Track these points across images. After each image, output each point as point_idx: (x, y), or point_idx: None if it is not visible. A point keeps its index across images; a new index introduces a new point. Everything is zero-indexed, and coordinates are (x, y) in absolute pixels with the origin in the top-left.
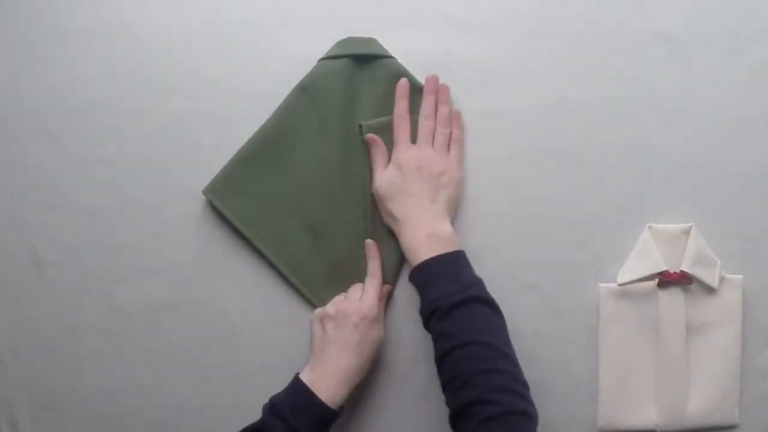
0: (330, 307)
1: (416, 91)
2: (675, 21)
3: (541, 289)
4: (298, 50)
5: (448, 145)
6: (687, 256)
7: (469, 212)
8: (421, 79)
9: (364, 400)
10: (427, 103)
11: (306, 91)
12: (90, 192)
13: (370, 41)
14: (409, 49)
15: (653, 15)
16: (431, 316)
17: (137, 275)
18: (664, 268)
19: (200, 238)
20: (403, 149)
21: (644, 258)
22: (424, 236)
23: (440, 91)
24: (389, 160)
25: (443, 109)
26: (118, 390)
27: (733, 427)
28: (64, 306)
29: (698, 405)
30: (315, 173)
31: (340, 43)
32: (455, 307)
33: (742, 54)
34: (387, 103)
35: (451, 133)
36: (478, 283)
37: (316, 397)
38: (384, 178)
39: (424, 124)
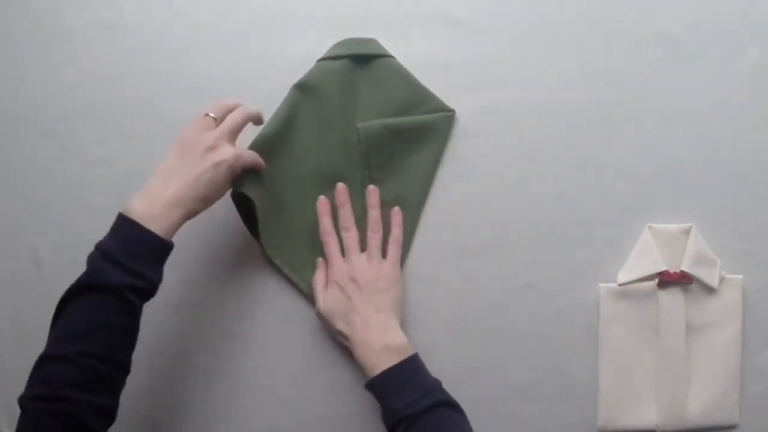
0: (205, 133)
1: (414, 89)
2: (675, 21)
3: (541, 289)
4: (298, 50)
5: (384, 248)
6: (687, 256)
7: (470, 212)
8: (422, 79)
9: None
10: (343, 215)
11: (304, 90)
12: (90, 192)
13: (370, 41)
14: (409, 49)
15: (653, 15)
16: (397, 426)
17: None
18: (664, 268)
19: (199, 238)
20: (336, 265)
21: (644, 258)
22: (378, 350)
23: (370, 196)
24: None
25: (373, 214)
26: None
27: (733, 427)
28: None
29: (698, 405)
30: (313, 173)
31: (340, 44)
32: (421, 414)
33: (742, 54)
34: (387, 103)
35: (391, 232)
36: (437, 386)
37: (149, 231)
38: (326, 300)
39: (347, 236)
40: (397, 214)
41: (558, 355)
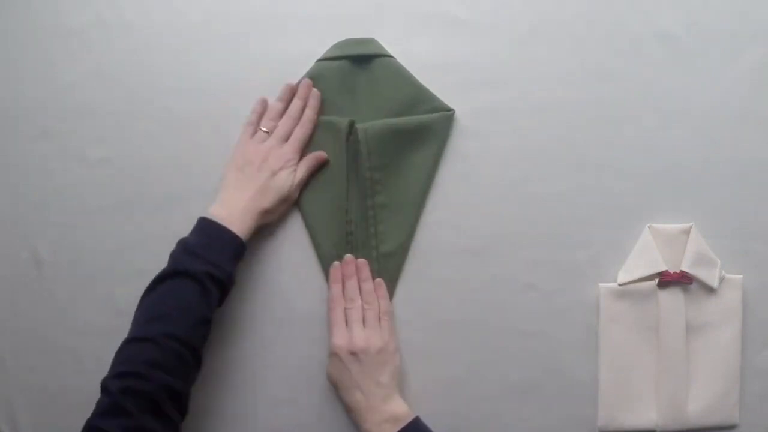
0: (262, 147)
1: (414, 89)
2: (675, 21)
3: (541, 289)
4: (298, 50)
5: (379, 319)
6: (687, 256)
7: (470, 212)
8: (422, 79)
9: None
10: (349, 287)
11: None
12: (90, 192)
13: (370, 41)
14: (409, 49)
15: (653, 15)
16: None
17: (137, 275)
18: (664, 268)
19: None
20: (338, 337)
21: (644, 258)
22: (379, 422)
23: (360, 270)
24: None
25: (366, 287)
26: None
27: (733, 427)
28: (64, 306)
29: (698, 405)
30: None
31: (339, 45)
32: None
33: (742, 54)
34: (387, 103)
35: (379, 308)
36: None
37: (229, 230)
38: (330, 370)
39: (351, 308)
40: (380, 286)
41: (558, 355)
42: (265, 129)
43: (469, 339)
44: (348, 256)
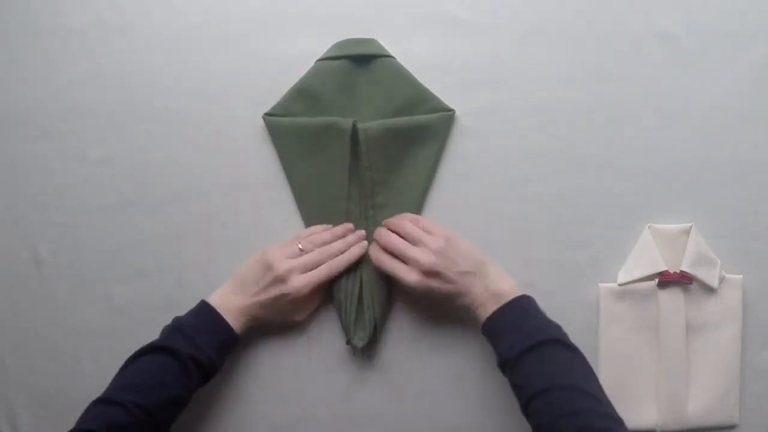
0: (283, 262)
1: (414, 89)
2: (675, 21)
3: (541, 289)
4: (298, 51)
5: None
6: (687, 256)
7: (470, 212)
8: (422, 79)
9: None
10: (385, 240)
11: (304, 91)
12: (90, 192)
13: (370, 41)
14: (409, 49)
15: (653, 15)
16: (504, 370)
17: (137, 275)
18: (664, 268)
19: (200, 238)
20: (404, 276)
21: (644, 258)
22: (487, 298)
23: (395, 226)
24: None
25: (391, 223)
26: None
27: (733, 427)
28: (63, 306)
29: (698, 405)
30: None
31: (339, 45)
32: (521, 356)
33: (742, 54)
34: (387, 103)
35: (404, 216)
36: (542, 327)
37: (224, 319)
38: (427, 297)
39: (394, 243)
40: (390, 222)
41: None
42: (301, 246)
43: (469, 339)
44: (379, 229)
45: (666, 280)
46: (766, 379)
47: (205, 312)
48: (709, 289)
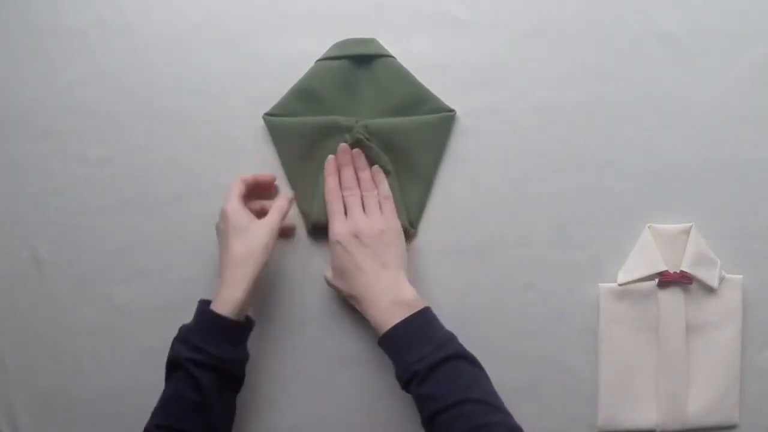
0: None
1: (414, 89)
2: (675, 21)
3: (541, 289)
4: (298, 50)
5: (380, 205)
6: (687, 256)
7: (470, 212)
8: (422, 79)
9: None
10: (345, 175)
11: (304, 91)
12: (90, 192)
13: (370, 41)
14: (409, 49)
15: (653, 15)
16: (410, 381)
17: (137, 275)
18: (664, 268)
19: (200, 237)
20: (338, 224)
21: (644, 258)
22: (388, 306)
23: (355, 159)
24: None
25: (363, 175)
26: (117, 390)
27: (733, 427)
28: (64, 306)
29: (698, 405)
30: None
31: (339, 45)
32: (434, 368)
33: (742, 54)
34: (387, 103)
35: (378, 194)
36: (451, 339)
37: (211, 311)
38: (333, 261)
39: (349, 195)
40: (377, 172)
41: (558, 355)
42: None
43: (469, 339)
44: (343, 145)
45: (666, 280)
46: (766, 379)
47: (199, 312)
48: (709, 289)
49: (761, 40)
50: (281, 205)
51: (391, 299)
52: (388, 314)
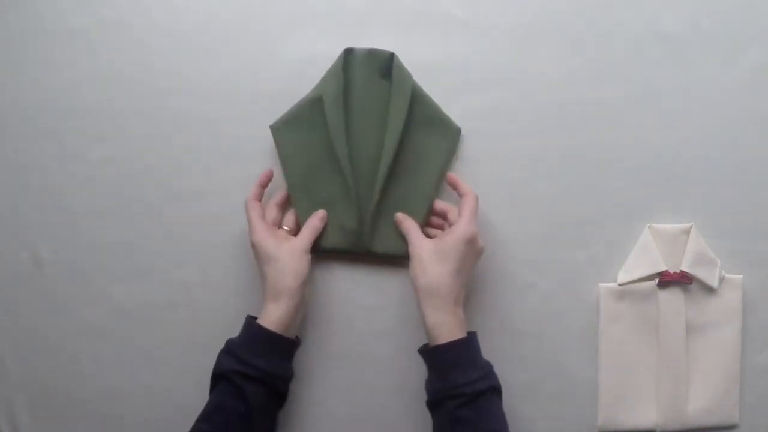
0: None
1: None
2: (675, 21)
3: (541, 289)
4: (298, 51)
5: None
6: (687, 256)
7: None
8: (422, 79)
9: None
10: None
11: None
12: (90, 192)
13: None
14: (409, 50)
15: (653, 15)
16: (452, 399)
17: (137, 275)
18: (664, 268)
19: (200, 237)
20: (472, 224)
21: (644, 258)
22: (453, 318)
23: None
24: None
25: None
26: (117, 390)
27: (733, 427)
28: (63, 306)
29: (698, 405)
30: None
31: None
32: (478, 395)
33: (742, 54)
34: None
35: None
36: (491, 369)
37: (260, 326)
38: (455, 257)
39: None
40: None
41: (558, 355)
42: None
43: None
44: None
45: (666, 280)
46: (766, 379)
47: (246, 326)
48: (709, 289)
49: (761, 40)
50: (314, 225)
51: (456, 312)
52: (451, 325)
